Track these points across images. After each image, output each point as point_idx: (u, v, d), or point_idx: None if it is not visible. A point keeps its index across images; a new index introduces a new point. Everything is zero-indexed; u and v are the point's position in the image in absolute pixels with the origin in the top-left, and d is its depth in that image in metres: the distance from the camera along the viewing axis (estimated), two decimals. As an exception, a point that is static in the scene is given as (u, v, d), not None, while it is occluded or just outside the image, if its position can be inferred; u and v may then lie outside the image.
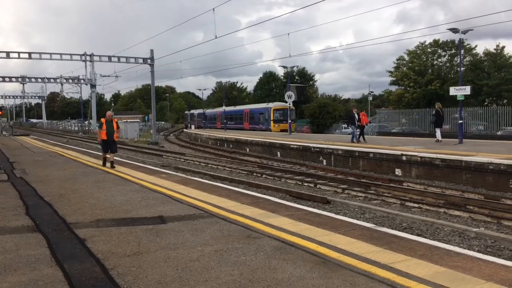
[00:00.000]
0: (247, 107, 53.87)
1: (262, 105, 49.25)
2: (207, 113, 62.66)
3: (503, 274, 4.15)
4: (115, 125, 13.63)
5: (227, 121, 51.39)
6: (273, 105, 45.17)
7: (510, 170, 12.57)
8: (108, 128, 13.42)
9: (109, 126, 13.47)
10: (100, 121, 14.08)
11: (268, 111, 44.19)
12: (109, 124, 13.49)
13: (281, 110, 43.15)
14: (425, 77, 50.58)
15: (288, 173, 17.30)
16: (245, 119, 49.44)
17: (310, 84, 76.10)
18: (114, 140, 13.70)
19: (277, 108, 43.82)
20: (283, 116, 42.08)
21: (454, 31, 21.09)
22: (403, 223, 9.00)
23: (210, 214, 6.99)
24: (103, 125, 13.50)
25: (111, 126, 13.52)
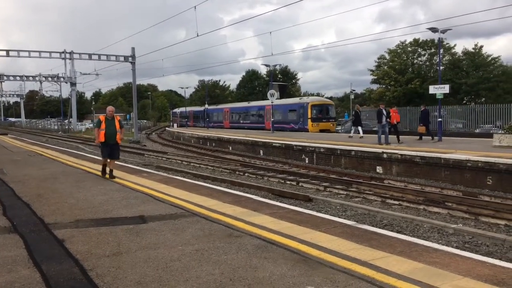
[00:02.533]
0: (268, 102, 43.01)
1: (293, 100, 41.20)
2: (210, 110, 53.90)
3: (479, 269, 4.24)
4: (117, 124, 10.82)
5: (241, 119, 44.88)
6: (310, 100, 36.83)
7: (488, 167, 12.82)
8: (109, 127, 10.63)
9: (110, 125, 10.67)
10: (98, 119, 11.12)
11: (303, 108, 35.51)
12: (109, 123, 10.68)
13: (320, 106, 35.92)
14: (405, 76, 51.28)
15: (270, 171, 17.34)
16: (267, 117, 39.64)
17: (293, 82, 76.49)
18: (117, 143, 10.94)
19: (316, 104, 35.90)
20: (322, 113, 35.56)
21: (433, 30, 21.41)
22: (384, 220, 9.11)
23: (192, 213, 6.95)
24: (102, 123, 10.64)
25: (113, 125, 10.71)
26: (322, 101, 37.63)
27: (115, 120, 10.83)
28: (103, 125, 10.64)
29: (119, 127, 10.84)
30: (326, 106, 36.19)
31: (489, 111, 31.87)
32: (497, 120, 32.10)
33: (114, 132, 10.68)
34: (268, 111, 38.75)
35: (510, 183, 12.22)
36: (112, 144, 10.76)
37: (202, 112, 54.98)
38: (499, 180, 12.53)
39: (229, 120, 47.93)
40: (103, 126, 10.62)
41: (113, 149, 10.83)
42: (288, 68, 76.22)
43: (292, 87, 74.13)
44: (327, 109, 36.05)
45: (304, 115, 35.20)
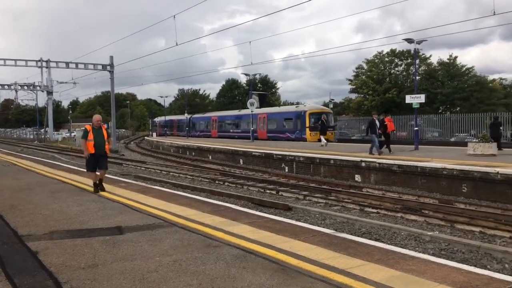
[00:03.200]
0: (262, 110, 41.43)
1: (289, 108, 39.79)
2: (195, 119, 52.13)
3: (454, 276, 4.30)
4: (105, 134, 10.17)
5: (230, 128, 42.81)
6: (308, 107, 35.15)
7: (462, 175, 13.08)
8: (97, 138, 9.93)
9: (98, 135, 9.98)
10: (84, 129, 10.25)
11: (301, 116, 33.66)
12: (97, 133, 9.99)
13: (319, 115, 33.50)
14: (383, 85, 52.13)
15: (250, 180, 17.31)
16: (260, 126, 38.38)
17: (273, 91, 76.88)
18: (106, 154, 10.26)
19: (315, 112, 33.88)
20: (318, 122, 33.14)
21: (409, 41, 21.86)
22: (362, 228, 9.18)
23: (170, 223, 6.88)
24: (89, 133, 9.93)
25: (101, 135, 10.03)
26: (320, 109, 35.36)
27: (103, 129, 10.19)
28: (90, 135, 9.93)
29: (107, 136, 10.22)
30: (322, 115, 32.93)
31: (464, 120, 32.63)
32: (471, 129, 32.90)
33: (103, 142, 10.05)
34: (261, 119, 37.58)
35: (484, 190, 12.49)
36: (100, 154, 10.08)
37: (187, 120, 53.37)
38: (474, 188, 12.79)
39: (217, 129, 46.11)
40: (90, 137, 9.91)
41: (102, 160, 10.14)
42: (268, 77, 76.73)
43: (272, 96, 74.51)
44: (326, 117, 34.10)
45: (301, 124, 33.37)
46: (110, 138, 10.61)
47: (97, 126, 10.11)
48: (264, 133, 36.98)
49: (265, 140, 35.38)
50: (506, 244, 8.12)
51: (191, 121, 52.72)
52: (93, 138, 9.91)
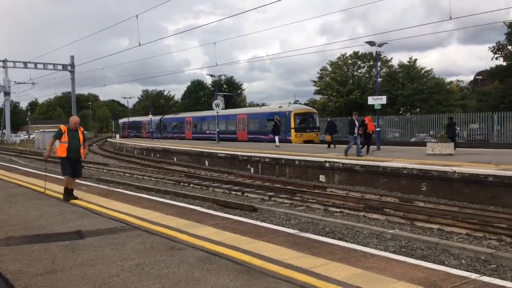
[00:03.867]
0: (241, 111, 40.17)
1: (272, 108, 37.47)
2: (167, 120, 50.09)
3: (413, 272, 4.43)
4: (81, 137, 9.32)
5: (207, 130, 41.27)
6: (293, 107, 33.91)
7: (422, 174, 13.50)
8: (72, 140, 9.05)
9: (73, 137, 9.10)
10: (59, 129, 9.28)
11: (285, 117, 31.99)
12: (73, 135, 9.11)
13: (304, 115, 33.07)
14: (346, 87, 53.11)
15: (216, 182, 17.24)
16: (239, 128, 36.97)
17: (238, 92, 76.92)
18: (80, 158, 9.42)
19: (300, 112, 33.03)
20: (306, 122, 32.88)
21: (371, 44, 22.38)
22: (326, 227, 9.31)
23: (133, 226, 6.76)
24: (63, 135, 9.04)
25: (77, 138, 9.16)
26: (306, 109, 34.40)
27: (79, 132, 9.31)
28: (65, 137, 9.02)
29: (83, 140, 9.36)
30: (310, 115, 33.47)
31: (423, 121, 33.69)
32: (430, 129, 34.04)
33: (78, 145, 9.16)
34: (241, 120, 36.21)
35: (442, 189, 12.93)
36: (75, 159, 9.23)
37: (158, 121, 51.79)
38: (432, 186, 13.22)
39: (191, 131, 44.48)
40: (65, 138, 9.01)
41: (76, 166, 9.28)
42: (233, 79, 76.67)
43: (238, 97, 74.54)
44: (311, 117, 33.51)
45: (286, 125, 31.51)
46: (86, 142, 9.66)
47: (73, 128, 9.22)
48: (244, 135, 35.45)
49: (245, 141, 34.03)
50: (463, 241, 8.43)
51: (162, 122, 51.01)
52: (67, 141, 9.01)
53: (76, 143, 9.14)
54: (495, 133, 31.38)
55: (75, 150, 9.11)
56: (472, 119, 33.66)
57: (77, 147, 9.14)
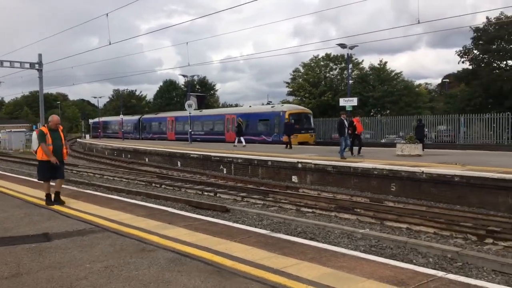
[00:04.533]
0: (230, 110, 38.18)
1: (264, 108, 35.76)
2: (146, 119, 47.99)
3: (382, 271, 4.51)
4: (62, 136, 8.83)
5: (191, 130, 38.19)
6: (287, 107, 32.31)
7: (391, 175, 13.77)
8: (55, 141, 8.55)
9: (56, 138, 8.60)
10: (40, 131, 8.61)
11: (279, 117, 30.73)
12: (55, 135, 8.59)
13: (299, 115, 31.50)
14: (318, 89, 53.64)
15: (188, 182, 17.12)
16: (228, 128, 35.42)
17: (211, 93, 76.60)
18: (63, 160, 8.87)
19: (294, 112, 31.44)
20: (301, 123, 31.29)
21: (342, 46, 22.73)
22: (298, 228, 9.37)
23: (102, 228, 6.64)
24: (46, 136, 8.45)
25: (59, 138, 8.66)
26: (300, 110, 32.84)
27: (60, 131, 8.77)
28: (48, 138, 8.43)
29: (64, 139, 8.88)
30: (305, 115, 32.05)
31: (393, 122, 34.36)
32: (400, 130, 34.77)
33: (61, 146, 8.66)
34: (230, 120, 34.29)
35: (411, 189, 13.23)
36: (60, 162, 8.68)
37: (136, 121, 49.58)
38: (402, 187, 13.50)
39: (174, 131, 42.34)
40: (48, 141, 8.42)
41: (59, 167, 8.65)
42: (206, 79, 76.32)
43: (211, 98, 74.24)
44: (306, 118, 32.14)
45: (279, 126, 30.00)
46: (67, 141, 9.19)
47: (54, 128, 8.66)
48: (233, 136, 33.04)
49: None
50: (430, 239, 8.64)
51: (141, 122, 48.79)
52: (51, 142, 8.44)
53: (59, 143, 8.63)
54: (462, 135, 32.31)
55: (58, 151, 8.57)
56: (440, 121, 34.58)
57: (60, 148, 8.63)
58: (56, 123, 8.70)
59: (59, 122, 8.82)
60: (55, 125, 8.69)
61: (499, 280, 6.13)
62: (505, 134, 29.84)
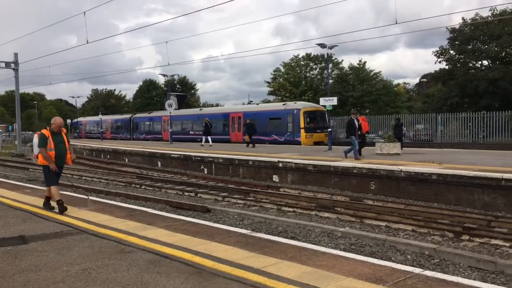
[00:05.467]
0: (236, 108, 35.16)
1: (275, 106, 33.35)
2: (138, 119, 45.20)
3: (360, 269, 4.56)
4: (66, 140, 8.24)
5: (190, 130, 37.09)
6: (301, 105, 29.85)
7: (371, 174, 13.93)
8: (58, 145, 7.98)
9: (59, 142, 8.03)
10: (42, 134, 7.96)
11: (293, 115, 28.48)
12: (57, 139, 8.01)
13: (314, 113, 29.40)
14: (299, 88, 53.88)
15: (168, 183, 17.01)
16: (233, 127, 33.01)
17: (192, 92, 76.17)
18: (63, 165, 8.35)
19: (310, 110, 29.33)
20: (316, 122, 29.20)
21: (322, 46, 22.85)
22: (279, 227, 9.40)
23: (80, 230, 6.54)
24: (48, 140, 7.89)
25: (62, 142, 8.09)
26: (315, 107, 30.18)
27: (63, 135, 8.20)
28: (50, 143, 7.87)
29: (67, 143, 8.25)
30: (320, 113, 29.59)
31: (373, 121, 34.72)
32: (379, 129, 35.21)
33: (64, 150, 8.10)
34: (235, 119, 32.34)
35: (390, 187, 13.41)
36: (61, 167, 8.21)
37: (127, 121, 46.96)
38: (381, 185, 13.68)
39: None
40: (50, 145, 7.87)
41: (60, 173, 8.25)
42: (186, 79, 75.81)
43: (191, 97, 73.83)
44: (321, 116, 29.64)
45: (294, 125, 28.17)
46: (70, 145, 8.55)
47: (57, 131, 8.10)
48: (240, 136, 31.54)
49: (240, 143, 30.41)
50: (408, 237, 8.78)
51: (133, 122, 46.22)
52: (53, 147, 7.87)
53: (63, 148, 8.06)
54: (439, 134, 32.91)
55: (62, 155, 8.04)
56: (418, 120, 35.15)
57: (64, 153, 8.08)
58: (59, 126, 8.13)
59: (62, 125, 8.23)
60: (58, 128, 8.11)
61: (475, 276, 6.26)
62: (481, 133, 30.52)
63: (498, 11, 34.02)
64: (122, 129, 48.32)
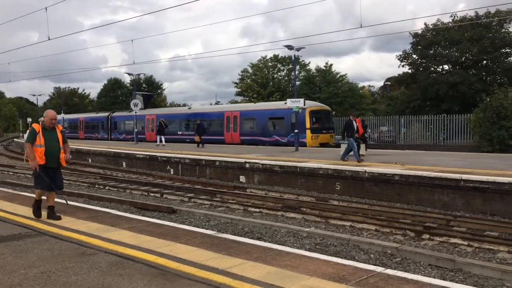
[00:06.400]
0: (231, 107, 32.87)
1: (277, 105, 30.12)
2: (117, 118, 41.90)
3: (324, 268, 4.62)
4: (60, 137, 7.28)
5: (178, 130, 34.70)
6: (307, 104, 25.97)
7: (336, 174, 14.14)
8: (49, 142, 7.10)
9: (51, 138, 7.15)
10: (31, 128, 7.30)
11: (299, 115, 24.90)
12: (49, 136, 7.14)
13: (319, 113, 27.65)
14: (267, 89, 54.14)
15: (133, 183, 16.72)
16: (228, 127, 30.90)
17: (158, 92, 75.19)
18: (59, 166, 7.39)
19: (316, 109, 27.47)
20: (322, 122, 27.54)
21: (289, 48, 23.03)
22: (245, 228, 9.40)
23: (40, 232, 6.33)
24: (37, 136, 7.06)
25: (55, 139, 7.20)
26: (320, 107, 28.81)
27: (57, 131, 7.29)
28: (39, 138, 7.04)
29: (62, 141, 7.31)
30: (325, 112, 28.24)
31: (338, 123, 35.24)
32: (345, 131, 35.69)
33: (57, 149, 7.17)
34: (232, 119, 30.38)
35: (354, 188, 13.66)
36: (54, 168, 7.23)
37: (104, 119, 43.84)
38: (346, 186, 13.91)
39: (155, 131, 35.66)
40: (39, 141, 7.03)
41: (55, 175, 7.24)
42: (153, 78, 74.75)
43: (158, 97, 72.87)
44: (326, 116, 28.31)
45: (299, 124, 24.94)
46: (67, 143, 7.51)
47: (49, 125, 7.21)
48: (236, 136, 29.81)
49: (238, 144, 28.64)
50: (372, 236, 8.96)
51: (111, 121, 43.02)
52: (44, 143, 7.02)
53: (55, 145, 7.16)
54: (402, 135, 33.78)
55: (54, 155, 7.13)
56: (382, 122, 35.98)
57: (56, 151, 7.15)
58: (51, 119, 7.19)
59: (54, 118, 7.26)
60: (50, 122, 7.19)
61: (435, 274, 6.45)
62: (441, 135, 31.52)
63: (458, 17, 35.23)
64: (99, 128, 44.83)
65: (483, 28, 33.37)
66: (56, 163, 7.20)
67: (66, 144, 7.41)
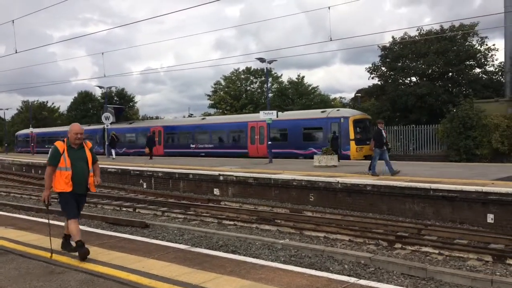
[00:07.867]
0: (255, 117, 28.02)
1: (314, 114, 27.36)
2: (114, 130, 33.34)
3: (299, 280, 4.62)
4: (89, 157, 5.99)
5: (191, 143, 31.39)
6: (350, 113, 25.34)
7: (310, 186, 14.24)
8: (77, 163, 5.81)
9: (79, 158, 5.85)
10: (54, 148, 5.85)
11: (339, 124, 23.85)
12: (76, 155, 5.84)
13: (363, 122, 25.51)
14: (240, 101, 54.29)
15: (105, 198, 16.39)
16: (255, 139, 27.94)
17: (130, 105, 74.32)
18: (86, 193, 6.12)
19: (359, 119, 25.31)
20: (365, 132, 25.10)
21: (261, 60, 23.24)
22: (220, 241, 9.32)
23: (6, 251, 6.12)
24: (61, 156, 5.75)
25: (83, 159, 5.91)
26: (363, 115, 26.39)
27: (86, 149, 5.99)
28: (64, 160, 5.73)
29: (92, 160, 6.01)
30: (366, 122, 25.90)
31: (311, 134, 35.47)
32: (317, 142, 36.04)
33: (86, 171, 5.89)
34: (257, 130, 27.45)
35: (328, 198, 13.77)
36: (81, 194, 5.98)
37: (100, 132, 38.85)
38: (319, 197, 14.01)
39: (163, 144, 33.32)
40: (64, 163, 5.72)
41: (80, 202, 6.06)
42: (125, 91, 73.87)
43: (130, 110, 72.00)
44: (368, 125, 25.95)
45: (341, 136, 23.34)
46: (97, 163, 6.19)
47: (76, 143, 5.88)
48: (262, 149, 26.65)
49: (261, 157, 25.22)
50: (345, 247, 9.04)
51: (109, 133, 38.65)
52: (70, 165, 5.73)
53: (83, 167, 5.86)
54: (373, 146, 34.27)
55: (82, 178, 5.84)
56: (354, 133, 36.42)
57: (85, 175, 5.86)
58: (76, 134, 5.85)
59: (81, 133, 5.92)
60: (76, 138, 5.86)
61: (408, 283, 6.54)
62: (411, 145, 32.21)
63: (424, 31, 36.30)
64: (94, 142, 39.34)
65: (448, 41, 34.48)
66: (84, 189, 5.93)
67: (96, 165, 6.13)
